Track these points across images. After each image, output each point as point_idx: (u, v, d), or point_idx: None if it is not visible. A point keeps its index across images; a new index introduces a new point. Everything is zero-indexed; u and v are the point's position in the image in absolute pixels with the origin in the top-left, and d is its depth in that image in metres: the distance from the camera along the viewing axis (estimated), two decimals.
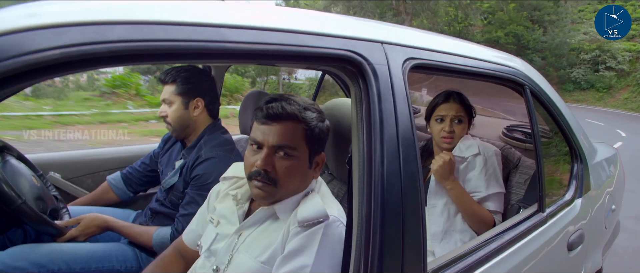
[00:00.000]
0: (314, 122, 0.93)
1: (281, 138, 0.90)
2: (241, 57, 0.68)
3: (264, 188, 0.92)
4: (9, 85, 0.47)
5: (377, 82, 0.79)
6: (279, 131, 0.90)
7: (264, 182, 0.91)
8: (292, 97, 0.96)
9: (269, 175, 0.91)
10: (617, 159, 2.05)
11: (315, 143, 0.94)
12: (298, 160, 0.92)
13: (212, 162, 1.40)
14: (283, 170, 0.91)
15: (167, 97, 1.46)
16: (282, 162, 0.91)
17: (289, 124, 0.91)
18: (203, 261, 1.03)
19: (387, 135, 0.79)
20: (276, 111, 0.90)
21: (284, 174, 0.91)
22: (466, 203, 1.49)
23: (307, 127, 0.92)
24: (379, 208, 0.77)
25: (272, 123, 0.91)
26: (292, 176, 0.92)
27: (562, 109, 1.47)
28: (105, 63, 0.53)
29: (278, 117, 0.91)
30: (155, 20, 0.56)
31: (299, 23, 0.73)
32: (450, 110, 1.58)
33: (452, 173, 1.51)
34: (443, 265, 0.94)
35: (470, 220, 1.49)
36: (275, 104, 0.91)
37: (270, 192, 0.92)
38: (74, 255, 1.31)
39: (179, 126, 1.49)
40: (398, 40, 0.89)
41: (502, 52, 1.35)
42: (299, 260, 0.85)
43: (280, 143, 0.90)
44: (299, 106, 0.92)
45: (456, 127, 1.57)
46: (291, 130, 0.91)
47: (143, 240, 1.43)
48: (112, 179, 1.72)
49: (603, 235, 1.76)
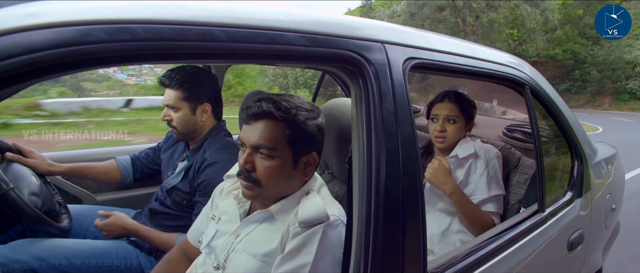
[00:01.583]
0: (296, 121, 0.91)
1: (259, 138, 0.90)
2: (241, 57, 0.68)
3: (248, 187, 0.92)
4: (8, 85, 0.47)
5: (378, 82, 0.79)
6: (257, 131, 0.90)
7: (248, 181, 0.92)
8: (282, 97, 0.94)
9: (250, 175, 0.91)
10: (617, 159, 2.05)
11: (299, 143, 0.92)
12: (279, 160, 0.91)
13: (217, 166, 1.39)
14: (263, 170, 0.91)
15: (172, 103, 1.42)
16: (262, 161, 0.91)
17: (267, 123, 0.90)
18: (204, 258, 1.03)
19: (387, 135, 0.79)
20: (254, 110, 0.90)
21: (264, 174, 0.91)
22: (467, 208, 1.48)
23: (287, 126, 0.90)
24: (379, 208, 0.77)
25: (253, 122, 0.91)
26: (273, 176, 0.91)
27: (562, 109, 1.47)
28: (105, 63, 0.53)
29: (256, 117, 0.90)
30: (155, 20, 0.56)
31: (299, 23, 0.73)
32: (443, 110, 1.59)
33: (449, 178, 1.50)
34: (443, 265, 0.94)
35: (471, 225, 1.49)
36: (256, 103, 0.91)
37: (254, 191, 0.93)
38: (75, 250, 1.32)
39: (185, 130, 1.47)
40: (398, 40, 0.89)
41: (502, 52, 1.35)
42: (299, 259, 0.85)
43: (257, 143, 0.90)
44: (280, 105, 0.90)
45: (448, 126, 1.58)
46: (269, 130, 0.90)
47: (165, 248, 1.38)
48: (122, 160, 1.71)
49: (603, 234, 1.76)
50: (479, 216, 1.48)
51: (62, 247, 1.31)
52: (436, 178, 1.50)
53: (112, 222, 1.41)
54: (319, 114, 0.96)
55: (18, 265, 1.22)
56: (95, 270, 1.31)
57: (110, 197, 1.89)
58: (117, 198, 1.90)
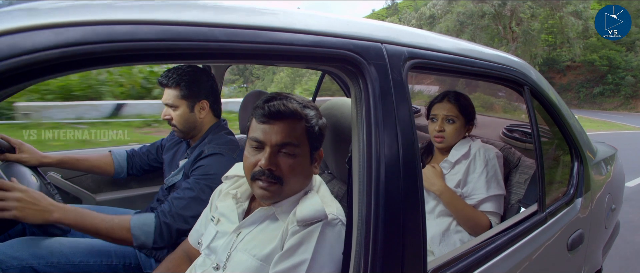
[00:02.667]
0: (314, 119, 0.95)
1: (284, 136, 0.91)
2: (241, 57, 0.68)
3: (270, 188, 0.92)
4: (8, 85, 0.47)
5: (377, 82, 0.79)
6: (281, 129, 0.91)
7: (269, 182, 0.91)
8: (290, 95, 0.97)
9: (273, 174, 0.91)
10: (617, 159, 2.05)
11: (316, 139, 0.96)
12: (301, 157, 0.93)
13: (215, 157, 1.39)
14: (287, 167, 0.92)
15: (171, 102, 1.45)
16: (285, 159, 0.92)
17: (291, 122, 0.92)
18: (204, 259, 1.03)
19: (387, 135, 0.79)
20: (278, 109, 0.91)
21: (288, 172, 0.92)
22: (458, 207, 1.49)
23: (308, 124, 0.93)
24: (379, 208, 0.77)
25: (274, 121, 0.91)
26: (296, 173, 0.93)
27: (562, 109, 1.47)
28: (105, 63, 0.53)
29: (280, 115, 0.91)
30: (155, 20, 0.56)
31: (299, 23, 0.73)
32: (442, 110, 1.60)
33: (437, 180, 1.53)
34: (443, 265, 0.94)
35: (464, 224, 1.50)
36: (276, 102, 0.92)
37: (275, 191, 0.93)
38: (73, 248, 1.32)
39: (185, 128, 1.49)
40: (398, 39, 0.89)
41: (502, 52, 1.35)
42: (297, 257, 0.86)
43: (283, 141, 0.91)
44: (298, 104, 0.94)
45: (447, 126, 1.59)
46: (293, 128, 0.92)
47: (116, 232, 1.21)
48: (117, 154, 1.70)
49: (603, 234, 1.76)
50: (472, 216, 1.48)
51: (61, 246, 1.31)
52: (425, 180, 1.52)
53: (20, 198, 1.11)
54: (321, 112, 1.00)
55: (17, 262, 1.22)
56: (93, 268, 1.31)
57: (111, 197, 1.89)
58: (118, 198, 1.90)
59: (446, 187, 1.52)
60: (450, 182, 1.55)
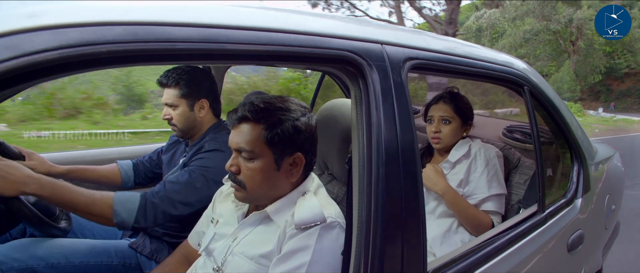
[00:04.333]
0: (274, 123, 0.90)
1: (239, 141, 0.91)
2: (241, 58, 0.68)
3: (237, 191, 0.94)
4: (8, 87, 0.47)
5: (377, 83, 0.79)
6: (238, 134, 0.92)
7: (235, 184, 0.93)
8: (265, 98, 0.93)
9: (236, 177, 0.93)
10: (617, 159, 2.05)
11: (280, 144, 0.90)
12: (260, 162, 0.91)
13: (215, 153, 1.39)
14: (246, 172, 0.92)
15: (170, 101, 1.45)
16: (245, 164, 0.92)
17: (246, 127, 0.91)
18: (203, 260, 1.03)
19: (387, 135, 0.79)
20: (236, 114, 0.92)
21: (247, 177, 0.92)
22: (461, 207, 1.49)
23: (265, 129, 0.90)
24: (379, 208, 0.77)
25: (237, 125, 0.92)
26: (255, 178, 0.91)
27: (561, 109, 1.47)
28: (105, 64, 0.53)
29: (238, 120, 0.92)
30: (155, 21, 0.56)
31: (299, 24, 0.73)
32: (438, 111, 1.61)
33: (440, 179, 1.53)
34: (443, 265, 0.94)
35: (467, 224, 1.50)
36: (242, 106, 0.92)
37: (242, 193, 0.94)
38: (73, 249, 1.32)
39: (185, 128, 1.49)
40: (398, 40, 0.89)
41: (501, 52, 1.35)
42: (295, 260, 0.85)
43: (237, 146, 0.91)
44: (256, 108, 0.90)
45: (443, 127, 1.60)
46: (248, 133, 0.91)
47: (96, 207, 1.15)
48: (123, 164, 1.70)
49: (603, 235, 1.76)
50: (474, 215, 1.48)
51: (61, 246, 1.31)
52: (427, 180, 1.52)
53: None
54: (305, 113, 0.94)
55: (17, 263, 1.22)
56: (93, 269, 1.31)
57: None
58: None
59: (449, 186, 1.51)
60: (452, 181, 1.55)
